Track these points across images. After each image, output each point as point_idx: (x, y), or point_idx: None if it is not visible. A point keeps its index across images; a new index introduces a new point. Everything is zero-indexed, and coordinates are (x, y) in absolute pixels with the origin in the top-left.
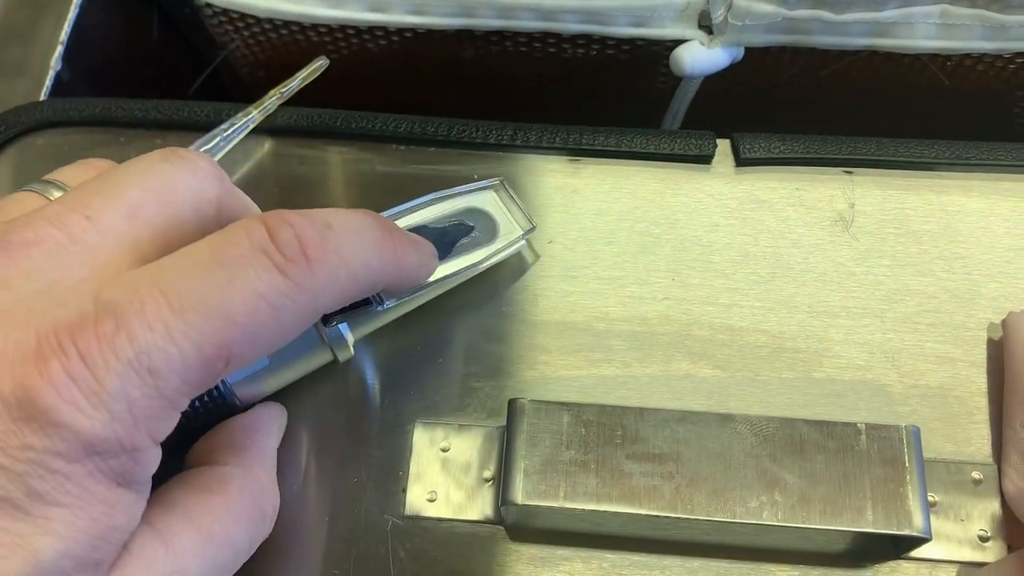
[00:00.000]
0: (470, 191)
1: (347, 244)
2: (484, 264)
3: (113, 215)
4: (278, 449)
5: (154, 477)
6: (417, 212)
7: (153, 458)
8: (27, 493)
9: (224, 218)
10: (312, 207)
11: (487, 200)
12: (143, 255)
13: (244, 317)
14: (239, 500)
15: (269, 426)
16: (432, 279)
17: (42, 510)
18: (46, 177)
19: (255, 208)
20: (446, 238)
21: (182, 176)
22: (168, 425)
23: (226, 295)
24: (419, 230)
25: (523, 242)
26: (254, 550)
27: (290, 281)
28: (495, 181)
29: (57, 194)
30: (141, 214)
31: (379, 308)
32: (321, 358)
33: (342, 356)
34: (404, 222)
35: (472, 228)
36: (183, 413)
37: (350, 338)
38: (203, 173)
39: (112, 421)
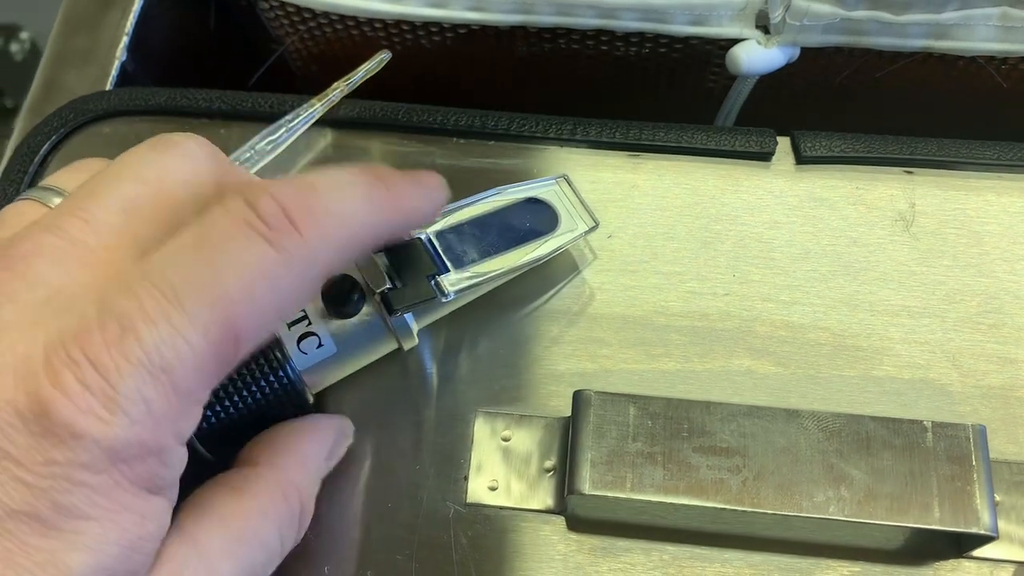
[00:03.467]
0: (534, 185)
1: (334, 202)
2: (547, 256)
3: (107, 213)
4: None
5: (199, 476)
6: (481, 203)
7: (179, 459)
8: (54, 508)
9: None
10: None
11: (550, 193)
12: (144, 249)
13: (242, 294)
14: (269, 500)
15: (319, 431)
16: (497, 271)
17: (71, 524)
18: (43, 183)
19: (259, 182)
20: (510, 232)
21: (174, 162)
22: (191, 421)
23: (219, 277)
24: (481, 221)
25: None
26: (287, 551)
27: (281, 250)
28: (559, 176)
29: (57, 200)
30: (136, 208)
31: (444, 299)
32: (387, 346)
33: (407, 344)
34: (466, 213)
35: (551, 222)
36: (249, 406)
37: (414, 327)
38: (195, 155)
39: (132, 424)
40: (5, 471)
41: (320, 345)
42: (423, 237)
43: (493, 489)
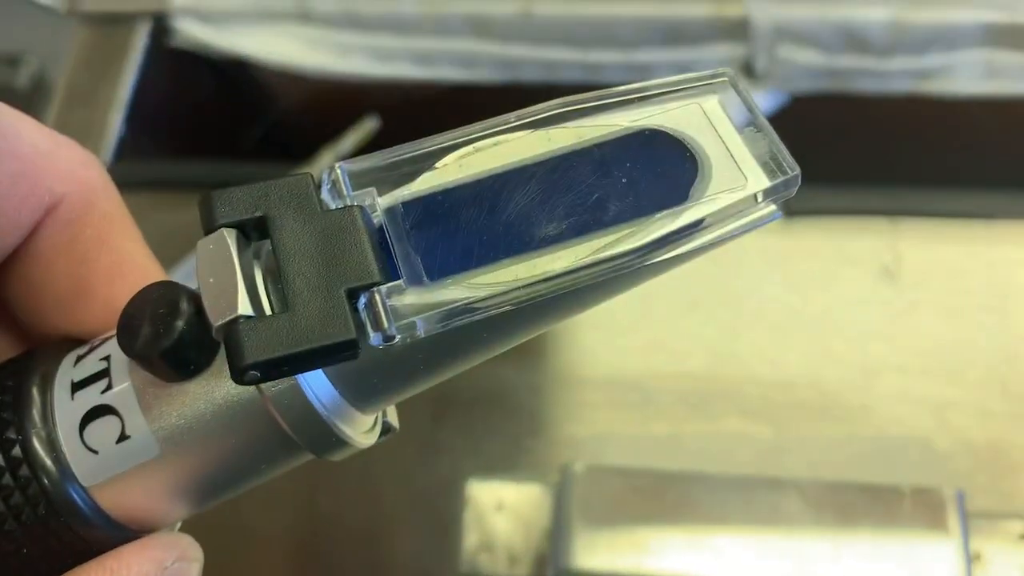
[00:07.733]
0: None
1: None
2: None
3: None
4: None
5: None
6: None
7: None
8: None
9: None
10: None
11: (692, 121)
12: None
13: None
14: None
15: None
16: (527, 284)
17: None
18: None
19: None
20: (590, 199)
21: None
22: None
23: None
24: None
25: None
26: None
27: None
28: (720, 73)
29: None
30: None
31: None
32: (283, 451)
33: (338, 455)
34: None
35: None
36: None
37: (393, 418)
38: None
39: None
40: None
41: (124, 436)
42: (363, 207)
43: (487, 554)
